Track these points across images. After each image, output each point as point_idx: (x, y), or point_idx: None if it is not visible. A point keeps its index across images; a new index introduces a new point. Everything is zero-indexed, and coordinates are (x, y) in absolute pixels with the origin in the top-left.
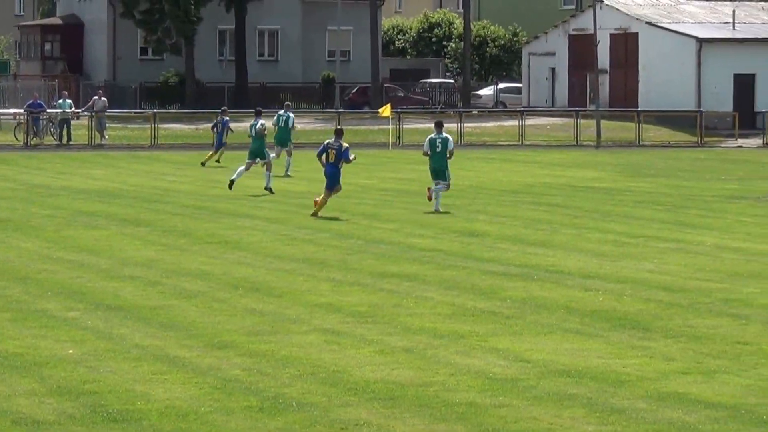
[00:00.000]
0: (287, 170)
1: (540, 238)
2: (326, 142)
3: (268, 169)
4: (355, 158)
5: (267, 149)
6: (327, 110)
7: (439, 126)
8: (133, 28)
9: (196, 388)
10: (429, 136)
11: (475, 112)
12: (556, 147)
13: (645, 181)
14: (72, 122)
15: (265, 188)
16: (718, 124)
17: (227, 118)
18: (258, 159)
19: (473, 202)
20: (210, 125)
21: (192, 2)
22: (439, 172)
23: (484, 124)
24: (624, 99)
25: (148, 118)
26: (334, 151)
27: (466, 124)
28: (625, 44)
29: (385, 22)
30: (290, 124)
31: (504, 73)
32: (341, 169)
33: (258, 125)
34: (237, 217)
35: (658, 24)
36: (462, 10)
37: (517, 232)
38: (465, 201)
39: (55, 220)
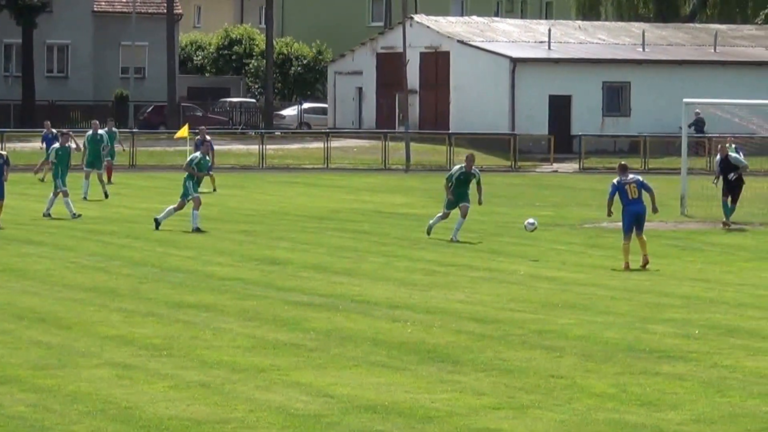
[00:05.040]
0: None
1: (346, 267)
2: None
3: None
4: None
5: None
6: (120, 130)
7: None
8: None
9: None
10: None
11: (277, 133)
12: (363, 171)
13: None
14: None
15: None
16: (532, 147)
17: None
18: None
19: (275, 228)
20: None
21: None
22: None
23: (287, 146)
24: (435, 121)
25: None
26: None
27: (268, 146)
28: (436, 63)
29: (183, 38)
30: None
31: (308, 93)
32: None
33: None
34: (22, 244)
35: (471, 42)
36: (264, 26)
37: (322, 260)
38: (266, 227)
39: None
